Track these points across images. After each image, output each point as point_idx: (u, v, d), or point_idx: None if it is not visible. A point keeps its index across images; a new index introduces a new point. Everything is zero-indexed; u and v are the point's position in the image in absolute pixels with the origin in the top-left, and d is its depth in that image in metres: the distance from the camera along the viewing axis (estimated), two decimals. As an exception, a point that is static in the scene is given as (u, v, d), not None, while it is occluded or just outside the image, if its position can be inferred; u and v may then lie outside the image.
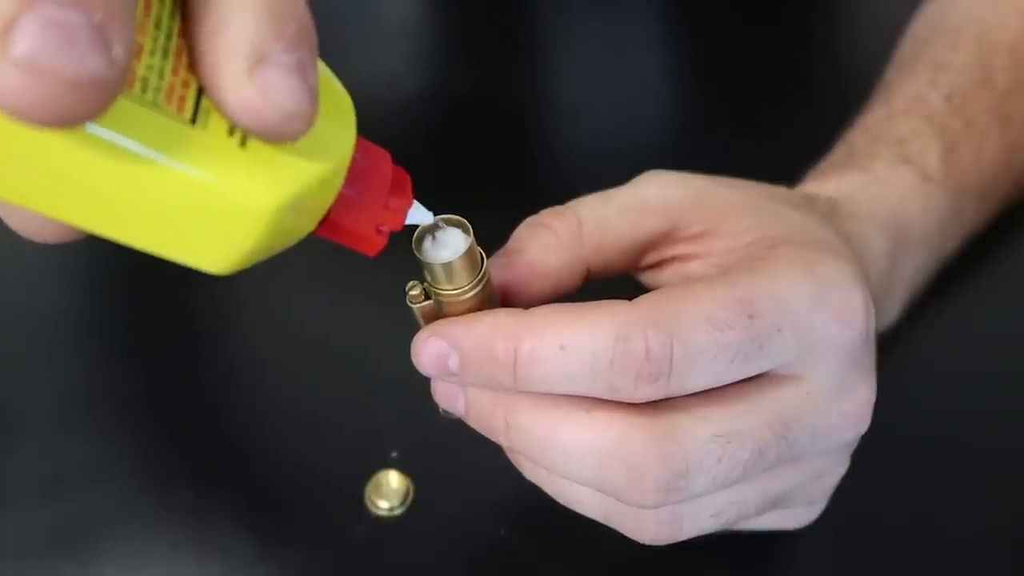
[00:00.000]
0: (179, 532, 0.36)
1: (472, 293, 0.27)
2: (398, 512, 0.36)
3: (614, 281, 0.31)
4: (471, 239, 0.26)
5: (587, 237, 0.30)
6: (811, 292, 0.27)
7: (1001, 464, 0.37)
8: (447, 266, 0.26)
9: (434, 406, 0.30)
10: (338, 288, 0.44)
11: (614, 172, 0.32)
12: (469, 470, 0.37)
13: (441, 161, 0.48)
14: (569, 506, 0.30)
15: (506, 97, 0.52)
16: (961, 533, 0.36)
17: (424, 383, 0.30)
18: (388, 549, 0.36)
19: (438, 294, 0.27)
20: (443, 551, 0.36)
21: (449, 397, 0.29)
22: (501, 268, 0.29)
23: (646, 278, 0.32)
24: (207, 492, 0.37)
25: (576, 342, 0.26)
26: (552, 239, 0.29)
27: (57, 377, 0.41)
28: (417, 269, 0.27)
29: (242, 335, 0.43)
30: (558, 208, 0.30)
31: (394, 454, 0.38)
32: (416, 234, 0.27)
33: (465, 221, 0.27)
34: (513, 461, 0.31)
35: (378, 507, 0.36)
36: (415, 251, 0.27)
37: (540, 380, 0.26)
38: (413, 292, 0.28)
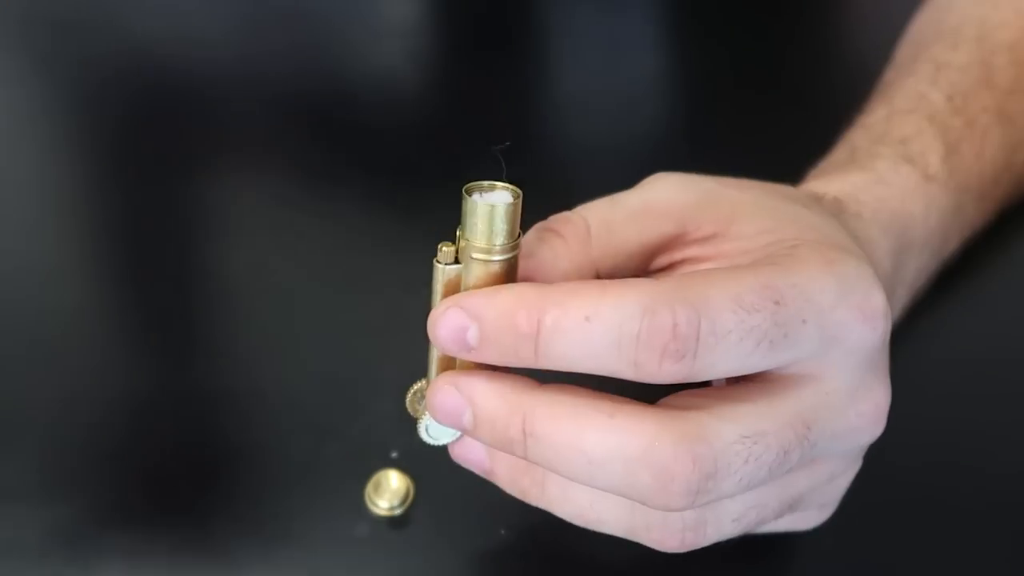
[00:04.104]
0: (179, 532, 0.36)
1: (504, 257, 0.27)
2: (398, 512, 0.36)
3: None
4: (519, 200, 0.27)
5: (596, 242, 0.29)
6: (835, 289, 0.27)
7: (1001, 464, 0.37)
8: (491, 211, 0.26)
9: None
10: (339, 288, 0.44)
11: (616, 169, 0.32)
12: (469, 470, 0.37)
13: (441, 158, 0.48)
14: (588, 526, 0.29)
15: (506, 94, 0.52)
16: (962, 533, 0.36)
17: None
18: (388, 549, 0.36)
19: (468, 251, 0.27)
20: (443, 551, 0.36)
21: (453, 411, 0.28)
22: None
23: None
24: (207, 492, 0.37)
25: (602, 314, 0.25)
26: (561, 245, 0.29)
27: (57, 377, 0.41)
28: (431, 255, 0.27)
29: (242, 335, 0.43)
30: (566, 214, 0.30)
31: (394, 454, 0.38)
32: (467, 186, 0.27)
33: (517, 189, 0.27)
34: (517, 494, 0.30)
35: (378, 507, 0.36)
36: (464, 197, 0.27)
37: (562, 354, 0.26)
38: (445, 249, 0.27)
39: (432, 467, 0.37)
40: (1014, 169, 0.41)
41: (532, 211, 0.31)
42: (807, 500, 0.30)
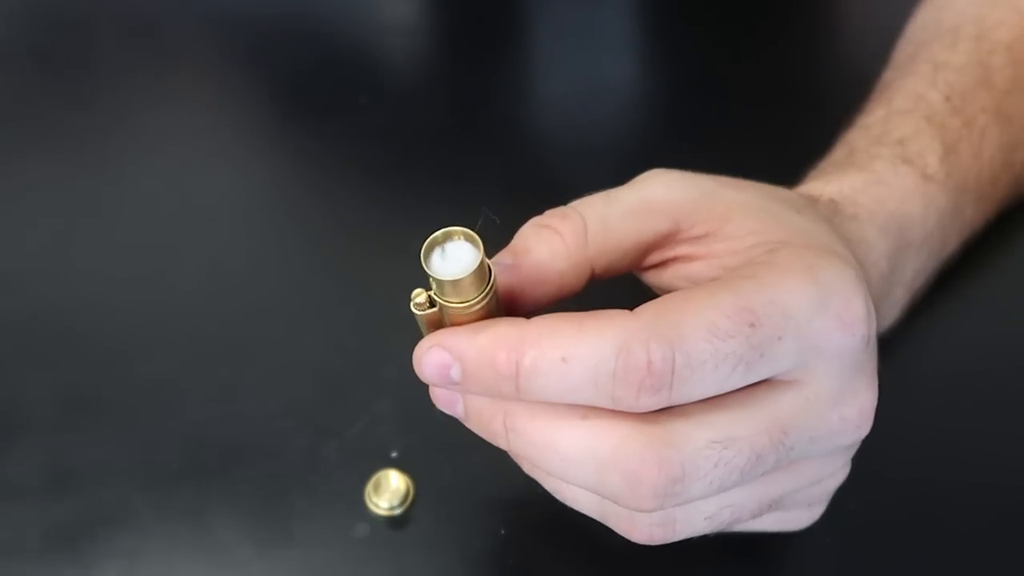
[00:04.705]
0: (178, 532, 0.36)
1: (479, 307, 0.27)
2: (398, 512, 0.36)
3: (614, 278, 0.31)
4: (481, 255, 0.26)
5: (592, 239, 0.29)
6: (813, 299, 0.27)
7: (1000, 465, 0.37)
8: (456, 282, 0.26)
9: (433, 405, 0.30)
10: (339, 288, 0.44)
11: (612, 166, 0.32)
12: (469, 470, 0.37)
13: (440, 157, 0.49)
14: (565, 503, 0.30)
15: (505, 93, 0.53)
16: (961, 534, 0.36)
17: (423, 383, 0.30)
18: (388, 549, 0.36)
19: (444, 305, 0.27)
20: (443, 551, 0.36)
21: (448, 402, 0.29)
22: (506, 270, 0.29)
23: (647, 277, 0.32)
24: (207, 492, 0.37)
25: (578, 354, 0.25)
26: (558, 242, 0.29)
27: (57, 377, 0.41)
28: (420, 273, 0.27)
29: (242, 334, 0.43)
30: (562, 209, 0.30)
31: (394, 454, 0.38)
32: (425, 245, 0.26)
33: (476, 235, 0.26)
34: (512, 457, 0.31)
35: (378, 507, 0.36)
36: (423, 264, 0.26)
37: (542, 391, 0.26)
38: (418, 300, 0.27)
39: (432, 467, 0.37)
40: (1013, 169, 0.41)
41: (527, 208, 0.31)
42: (792, 500, 0.30)
